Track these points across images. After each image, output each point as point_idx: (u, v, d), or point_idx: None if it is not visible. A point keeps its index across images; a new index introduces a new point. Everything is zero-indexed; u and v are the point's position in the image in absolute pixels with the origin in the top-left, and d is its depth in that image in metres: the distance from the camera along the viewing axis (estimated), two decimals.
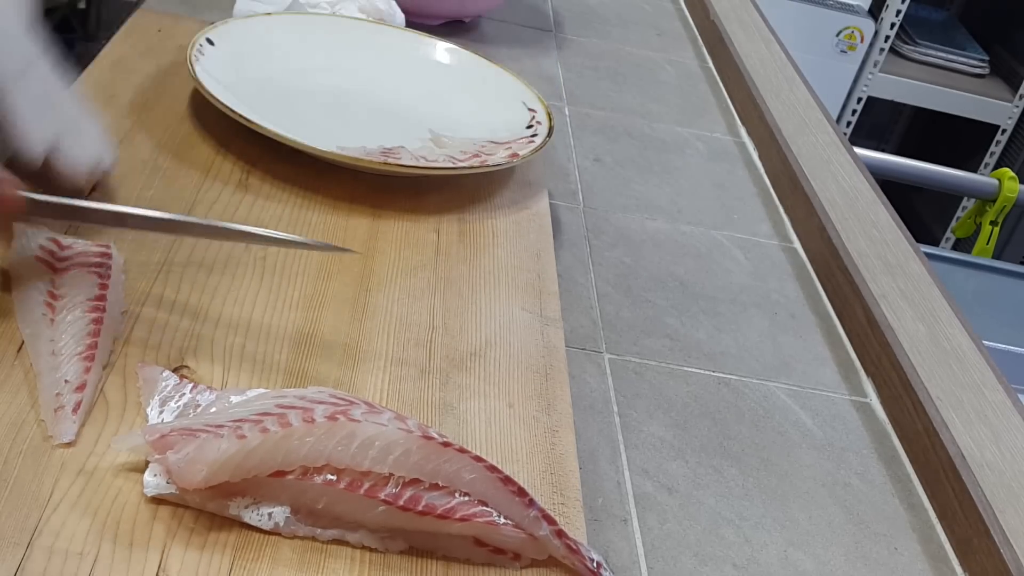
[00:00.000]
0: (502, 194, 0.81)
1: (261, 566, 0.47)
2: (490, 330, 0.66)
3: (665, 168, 1.01)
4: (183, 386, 0.54)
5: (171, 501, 0.48)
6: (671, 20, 1.42)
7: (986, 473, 0.66)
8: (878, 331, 0.78)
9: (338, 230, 0.72)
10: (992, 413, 0.72)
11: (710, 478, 0.64)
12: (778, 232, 0.95)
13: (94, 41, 2.99)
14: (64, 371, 0.53)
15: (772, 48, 1.31)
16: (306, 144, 0.74)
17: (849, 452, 0.70)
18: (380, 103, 0.90)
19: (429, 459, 0.50)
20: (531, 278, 0.72)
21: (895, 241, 0.92)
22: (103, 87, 0.81)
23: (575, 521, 0.54)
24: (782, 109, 1.12)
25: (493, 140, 0.85)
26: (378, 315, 0.64)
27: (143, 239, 0.65)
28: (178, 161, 0.75)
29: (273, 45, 0.90)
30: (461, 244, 0.74)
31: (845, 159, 1.06)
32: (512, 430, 0.58)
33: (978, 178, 2.03)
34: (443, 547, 0.50)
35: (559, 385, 0.63)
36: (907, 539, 0.64)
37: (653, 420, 0.68)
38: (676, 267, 0.85)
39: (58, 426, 0.51)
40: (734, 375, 0.74)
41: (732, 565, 0.59)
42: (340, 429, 0.49)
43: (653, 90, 1.18)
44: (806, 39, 2.65)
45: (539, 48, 1.20)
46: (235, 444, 0.47)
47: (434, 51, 0.97)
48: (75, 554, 0.45)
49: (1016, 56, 3.01)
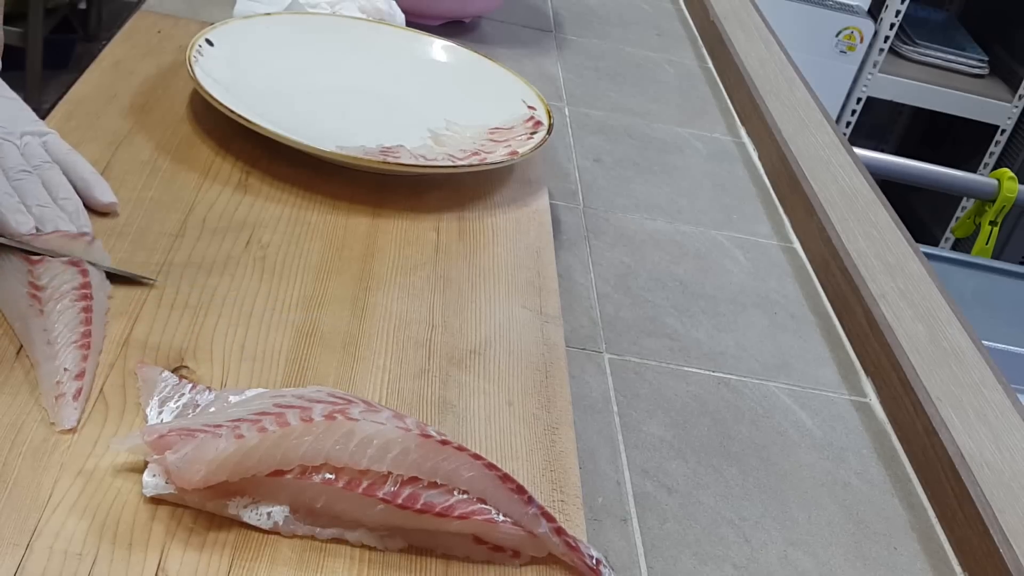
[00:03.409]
0: (502, 192, 0.81)
1: (260, 565, 0.47)
2: (490, 328, 0.66)
3: (665, 168, 1.01)
4: (182, 386, 0.54)
5: (170, 501, 0.48)
6: (671, 20, 1.42)
7: (986, 473, 0.66)
8: (877, 331, 0.78)
9: (338, 229, 0.72)
10: (992, 413, 0.72)
11: (710, 478, 0.64)
12: (778, 232, 0.95)
13: (94, 41, 3.00)
14: (62, 359, 0.53)
15: (772, 48, 1.31)
16: (306, 144, 0.74)
17: (849, 452, 0.70)
18: (380, 103, 0.90)
19: (427, 457, 0.50)
20: (531, 276, 0.72)
21: (894, 241, 0.92)
22: (103, 87, 0.81)
23: (575, 518, 0.54)
24: (782, 109, 1.12)
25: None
26: (377, 314, 0.64)
27: (143, 239, 0.65)
28: (178, 161, 0.75)
29: (273, 45, 0.90)
30: (461, 242, 0.74)
31: (845, 159, 1.06)
32: (512, 428, 0.58)
33: (977, 178, 2.03)
34: (442, 545, 0.50)
35: (559, 383, 0.63)
36: (907, 539, 0.64)
37: (653, 420, 0.68)
38: (676, 267, 0.85)
39: (60, 413, 0.51)
40: (734, 375, 0.74)
41: (732, 565, 0.59)
42: (338, 428, 0.49)
43: (653, 90, 1.18)
44: (806, 39, 2.65)
45: (539, 48, 1.20)
46: (233, 444, 0.47)
47: (434, 50, 0.97)
48: (74, 554, 0.45)
49: (1015, 56, 3.02)
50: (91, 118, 0.77)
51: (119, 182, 0.70)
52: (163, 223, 0.67)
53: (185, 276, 0.63)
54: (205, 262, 0.65)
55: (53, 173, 0.67)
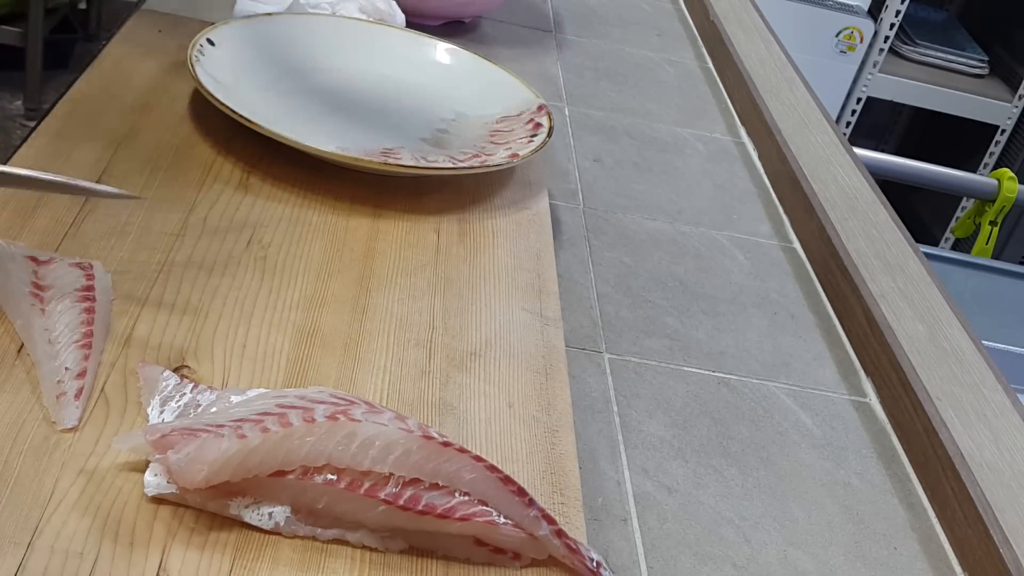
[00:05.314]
0: (502, 194, 0.81)
1: (261, 566, 0.47)
2: (490, 330, 0.66)
3: (665, 168, 1.01)
4: (184, 386, 0.54)
5: (172, 501, 0.48)
6: (671, 20, 1.42)
7: (986, 473, 0.66)
8: (877, 331, 0.78)
9: (338, 230, 0.72)
10: (992, 413, 0.72)
11: (710, 478, 0.64)
12: (778, 232, 0.95)
13: (94, 41, 3.00)
14: (63, 359, 0.53)
15: (772, 48, 1.31)
16: (306, 144, 0.74)
17: (848, 452, 0.70)
18: (380, 103, 0.90)
19: (429, 459, 0.50)
20: (531, 278, 0.72)
21: (894, 241, 0.92)
22: (103, 87, 0.81)
23: (575, 521, 0.54)
24: (782, 109, 1.12)
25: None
26: (378, 315, 0.64)
27: (144, 239, 0.65)
28: (178, 161, 0.75)
29: (273, 45, 0.90)
30: (461, 244, 0.74)
31: (845, 159, 1.06)
32: (512, 430, 0.58)
33: (977, 178, 2.03)
34: (443, 547, 0.50)
35: (559, 385, 0.63)
36: (907, 539, 0.64)
37: (653, 420, 0.68)
38: (676, 267, 0.85)
39: (61, 412, 0.51)
40: (734, 375, 0.74)
41: (732, 565, 0.59)
42: (340, 429, 0.49)
43: (653, 90, 1.18)
44: (806, 39, 2.65)
45: (539, 48, 1.20)
46: (236, 444, 0.47)
47: (434, 51, 0.97)
48: (75, 554, 0.45)
49: (1015, 56, 3.02)
50: (91, 118, 0.77)
51: (119, 182, 0.70)
52: (164, 223, 0.67)
53: (186, 276, 0.63)
54: (206, 262, 0.65)
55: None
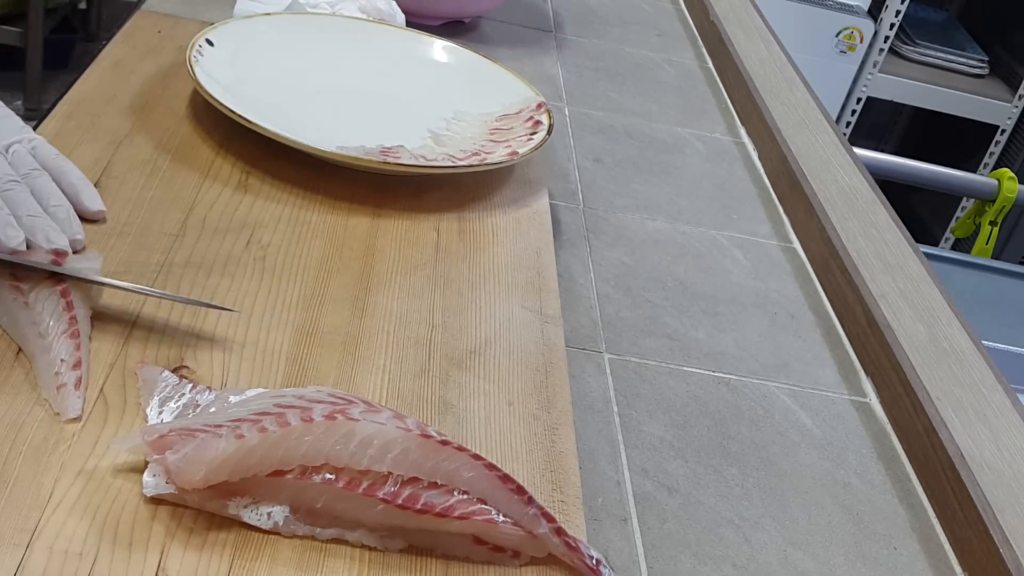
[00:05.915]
0: (502, 192, 0.81)
1: (260, 565, 0.47)
2: (490, 328, 0.66)
3: (665, 168, 1.01)
4: (183, 386, 0.54)
5: (170, 501, 0.48)
6: (671, 20, 1.42)
7: (985, 473, 0.66)
8: (877, 331, 0.78)
9: (338, 229, 0.72)
10: (991, 413, 0.72)
11: (710, 478, 0.64)
12: (777, 232, 0.95)
13: (94, 41, 3.00)
14: (57, 351, 0.53)
15: (772, 48, 1.31)
16: (306, 144, 0.74)
17: (848, 452, 0.70)
18: (380, 103, 0.90)
19: (428, 457, 0.50)
20: (531, 276, 0.72)
21: (894, 241, 0.92)
22: (103, 88, 0.81)
23: (575, 519, 0.54)
24: (782, 109, 1.12)
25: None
26: (378, 313, 0.64)
27: (144, 239, 0.65)
28: (178, 161, 0.75)
29: (273, 45, 0.90)
30: (461, 242, 0.74)
31: (845, 159, 1.06)
32: (512, 428, 0.58)
33: (977, 178, 2.03)
34: (442, 545, 0.50)
35: (559, 383, 0.63)
36: (907, 539, 0.64)
37: (653, 420, 0.68)
38: (676, 267, 0.85)
39: (64, 402, 0.51)
40: (734, 375, 0.74)
41: (732, 565, 0.59)
42: (339, 428, 0.49)
43: (653, 90, 1.18)
44: (806, 39, 2.65)
45: (539, 48, 1.20)
46: (234, 444, 0.47)
47: (434, 51, 0.97)
48: (75, 554, 0.45)
49: (1015, 56, 3.02)
50: (91, 118, 0.77)
51: (119, 182, 0.70)
52: (163, 223, 0.67)
53: (185, 276, 0.63)
54: (205, 262, 0.65)
55: (43, 180, 0.66)
